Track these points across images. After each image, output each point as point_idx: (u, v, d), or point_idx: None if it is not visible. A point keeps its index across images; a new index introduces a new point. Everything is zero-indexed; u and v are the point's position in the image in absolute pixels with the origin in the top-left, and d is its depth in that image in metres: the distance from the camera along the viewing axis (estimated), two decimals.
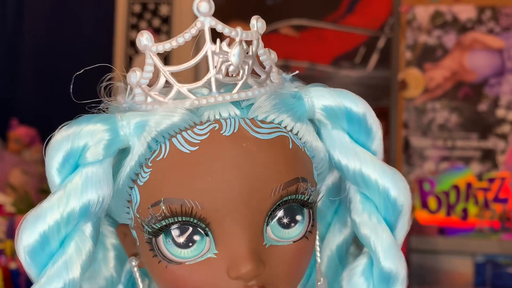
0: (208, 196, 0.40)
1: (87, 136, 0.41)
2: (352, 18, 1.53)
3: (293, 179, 0.42)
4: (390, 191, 0.44)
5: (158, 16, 1.63)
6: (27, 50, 2.09)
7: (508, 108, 1.44)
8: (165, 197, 0.40)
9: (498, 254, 1.42)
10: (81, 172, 0.41)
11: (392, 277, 0.45)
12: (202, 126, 0.41)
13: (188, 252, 0.41)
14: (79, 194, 0.41)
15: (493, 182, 1.43)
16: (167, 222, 0.40)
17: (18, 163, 1.79)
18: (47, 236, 0.41)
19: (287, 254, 0.42)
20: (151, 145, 0.41)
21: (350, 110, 0.44)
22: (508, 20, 1.45)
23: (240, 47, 0.41)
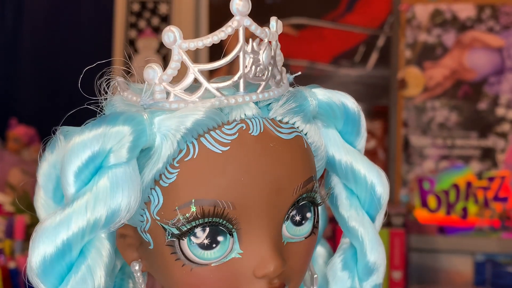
0: (240, 196, 0.40)
1: (115, 137, 0.39)
2: (351, 17, 1.53)
3: (309, 178, 0.43)
4: (376, 187, 0.47)
5: (157, 15, 1.63)
6: (26, 50, 2.09)
7: (508, 106, 1.44)
8: (196, 198, 0.40)
9: (498, 253, 1.42)
10: (107, 173, 0.39)
11: (376, 268, 0.47)
12: (229, 125, 0.41)
13: (211, 253, 0.40)
14: (108, 197, 0.39)
15: (493, 181, 1.43)
16: (197, 223, 0.40)
17: (17, 162, 1.79)
18: (70, 244, 0.39)
19: (301, 250, 0.44)
20: (180, 145, 0.40)
21: (348, 111, 0.46)
22: (507, 18, 1.45)
23: (268, 48, 0.42)
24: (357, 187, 0.47)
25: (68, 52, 2.01)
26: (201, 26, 1.58)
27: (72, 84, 1.58)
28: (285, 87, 0.44)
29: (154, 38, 1.62)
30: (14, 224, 1.27)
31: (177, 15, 1.61)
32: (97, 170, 0.40)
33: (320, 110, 0.45)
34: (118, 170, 0.39)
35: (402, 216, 1.36)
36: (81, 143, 0.39)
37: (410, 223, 1.44)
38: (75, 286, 0.39)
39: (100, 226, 0.39)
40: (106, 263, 0.41)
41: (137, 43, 1.63)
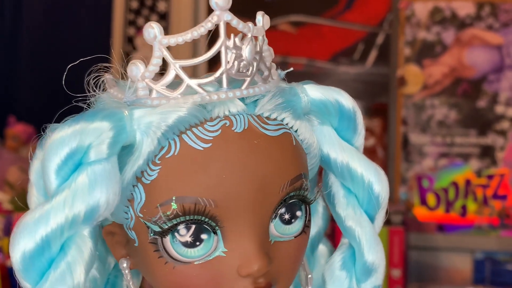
0: (222, 194, 0.39)
1: (94, 133, 0.39)
2: (350, 14, 1.53)
3: (298, 175, 0.42)
4: (374, 186, 0.45)
5: (155, 12, 1.63)
6: (24, 48, 2.09)
7: (507, 104, 1.44)
8: (177, 196, 0.39)
9: (497, 251, 1.42)
10: (86, 170, 0.39)
11: (374, 268, 0.46)
12: (212, 122, 0.40)
13: (195, 251, 0.40)
14: (87, 194, 0.39)
15: (492, 178, 1.43)
16: (178, 221, 0.39)
17: (16, 160, 1.79)
18: (49, 240, 0.39)
19: (290, 249, 0.43)
20: (161, 142, 0.40)
21: (343, 107, 0.45)
22: (507, 16, 1.45)
23: (252, 43, 0.41)
24: (354, 186, 0.46)
25: (67, 50, 2.01)
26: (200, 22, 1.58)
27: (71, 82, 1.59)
28: (274, 83, 0.44)
29: None
30: (13, 222, 1.27)
31: (175, 13, 1.60)
32: (77, 166, 0.39)
33: (313, 107, 0.44)
34: (97, 167, 0.39)
35: (401, 214, 1.36)
36: (60, 140, 0.39)
37: (409, 221, 1.44)
38: (54, 282, 0.39)
39: (80, 222, 0.39)
40: (87, 261, 0.40)
41: (136, 41, 1.62)
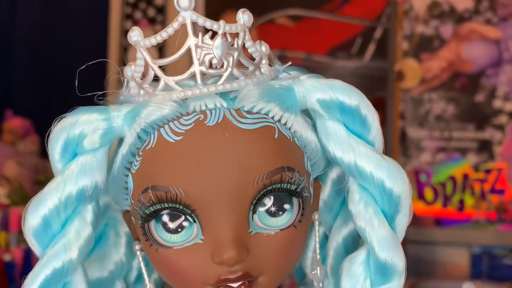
0: (191, 184, 0.41)
1: (83, 125, 0.43)
2: (348, 8, 1.53)
3: (277, 168, 0.42)
4: (385, 182, 0.44)
5: (152, 6, 1.63)
6: (21, 42, 2.09)
7: (505, 99, 1.44)
8: (152, 185, 0.42)
9: (495, 246, 1.43)
10: (77, 160, 0.43)
11: (388, 268, 0.44)
12: (188, 116, 0.42)
13: (177, 237, 0.42)
14: (75, 180, 0.43)
15: (489, 173, 1.43)
16: (155, 208, 0.42)
17: (13, 154, 1.79)
18: (48, 219, 0.43)
19: (274, 241, 0.43)
20: (140, 135, 0.43)
21: (343, 102, 0.44)
22: (505, 10, 1.45)
23: (222, 40, 0.42)
24: (365, 183, 0.44)
25: (64, 44, 2.00)
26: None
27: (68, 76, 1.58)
28: (261, 78, 0.44)
29: (150, 29, 1.61)
30: (9, 216, 1.27)
31: (172, 6, 1.60)
32: (74, 155, 0.44)
33: (314, 102, 0.44)
34: (85, 158, 0.44)
35: None
36: (59, 130, 0.44)
37: None
38: (50, 256, 0.43)
39: (73, 203, 0.43)
40: (82, 244, 0.44)
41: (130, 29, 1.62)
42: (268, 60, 0.46)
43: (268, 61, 0.46)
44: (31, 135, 1.95)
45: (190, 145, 0.42)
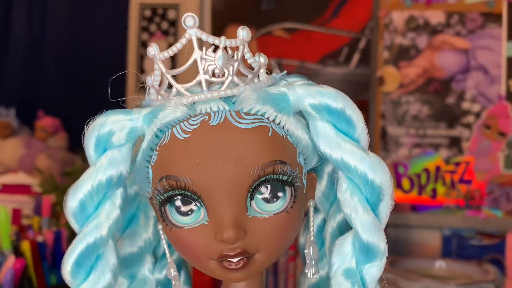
0: (197, 174, 0.43)
1: (111, 124, 0.45)
2: (336, 22, 1.52)
3: (270, 162, 0.43)
4: (367, 174, 0.44)
5: (166, 19, 1.63)
6: (50, 51, 2.08)
7: (472, 101, 1.44)
8: (166, 175, 0.44)
9: (463, 228, 1.43)
10: (106, 154, 0.46)
11: (371, 249, 0.45)
12: (195, 118, 0.44)
13: (187, 219, 0.44)
14: (104, 170, 0.45)
15: (459, 165, 1.44)
16: (169, 194, 0.44)
17: (44, 149, 1.79)
18: (83, 202, 0.46)
19: (268, 224, 0.44)
20: (157, 134, 0.45)
21: (330, 105, 0.45)
22: (473, 24, 1.45)
23: (223, 53, 0.43)
24: (351, 175, 0.45)
25: (88, 53, 2.00)
26: (205, 29, 1.58)
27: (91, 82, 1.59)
28: (259, 85, 0.45)
29: (164, 40, 1.61)
30: (42, 203, 1.27)
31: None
32: (105, 149, 0.46)
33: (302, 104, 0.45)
34: (114, 152, 0.46)
35: None
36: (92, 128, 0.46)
37: None
38: (85, 234, 0.46)
39: (103, 188, 0.46)
40: (111, 224, 0.46)
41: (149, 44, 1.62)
42: (268, 69, 0.48)
43: (269, 70, 0.48)
44: (60, 132, 1.95)
45: (196, 142, 0.43)
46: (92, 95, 1.90)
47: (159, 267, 0.54)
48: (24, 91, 2.12)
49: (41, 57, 2.10)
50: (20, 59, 2.12)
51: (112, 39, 1.93)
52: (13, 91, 2.13)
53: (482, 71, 1.44)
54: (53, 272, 1.08)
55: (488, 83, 1.44)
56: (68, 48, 2.06)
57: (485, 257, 1.40)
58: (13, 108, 2.05)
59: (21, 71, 2.12)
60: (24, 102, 2.09)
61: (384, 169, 0.45)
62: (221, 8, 1.57)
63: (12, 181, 1.46)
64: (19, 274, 1.00)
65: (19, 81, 2.12)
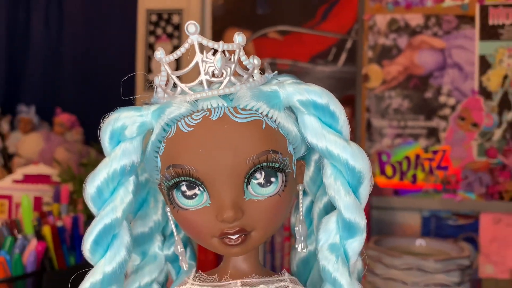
0: (200, 162, 0.44)
1: (124, 119, 0.47)
2: (325, 25, 1.52)
3: (264, 151, 0.45)
4: (349, 161, 0.46)
5: (171, 24, 1.62)
6: (67, 53, 2.07)
7: (448, 95, 1.44)
8: (173, 163, 0.45)
9: (440, 210, 1.44)
10: (120, 146, 0.47)
11: (353, 226, 0.46)
12: (198, 113, 0.45)
13: (192, 202, 0.46)
14: (118, 160, 0.47)
15: (436, 153, 1.44)
16: (175, 181, 0.45)
17: (62, 142, 1.78)
18: (100, 188, 0.47)
19: (263, 205, 0.46)
20: (164, 128, 0.46)
21: (315, 101, 0.46)
22: (449, 25, 1.44)
23: (221, 55, 0.45)
24: (335, 162, 0.47)
25: (100, 55, 1.99)
26: (206, 33, 1.57)
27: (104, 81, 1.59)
28: (254, 84, 0.46)
29: (169, 42, 1.60)
30: (60, 191, 1.27)
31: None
32: (118, 141, 0.47)
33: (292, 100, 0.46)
34: (127, 144, 0.47)
35: None
36: (107, 122, 0.47)
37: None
38: (102, 216, 0.47)
39: (117, 175, 0.47)
40: (125, 207, 0.47)
41: (155, 47, 1.61)
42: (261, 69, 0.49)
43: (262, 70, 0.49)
44: (76, 127, 1.95)
45: (199, 134, 0.44)
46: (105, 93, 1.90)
47: (167, 244, 0.55)
48: (43, 90, 2.11)
49: (58, 59, 2.08)
50: (39, 61, 2.11)
51: (122, 42, 1.92)
52: (33, 90, 2.12)
53: (457, 68, 1.43)
54: (71, 254, 1.08)
55: (462, 79, 1.43)
56: (83, 51, 2.05)
57: (461, 236, 1.41)
58: (33, 106, 2.04)
59: (40, 72, 2.11)
60: (43, 100, 2.08)
61: (364, 157, 0.47)
62: (221, 13, 1.56)
63: (33, 172, 1.46)
64: (41, 256, 1.00)
65: (39, 81, 2.11)
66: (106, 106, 0.49)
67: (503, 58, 1.41)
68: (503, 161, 1.41)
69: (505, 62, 1.41)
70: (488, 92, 1.42)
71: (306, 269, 0.54)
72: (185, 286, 0.49)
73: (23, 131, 1.97)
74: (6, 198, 1.43)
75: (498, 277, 1.38)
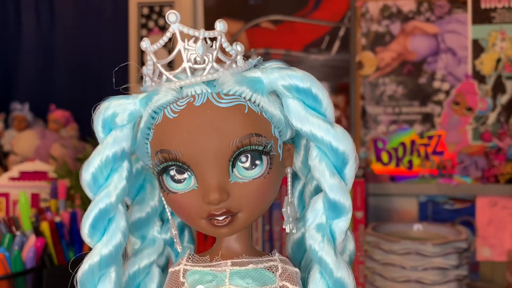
0: (185, 147, 0.45)
1: (114, 107, 0.48)
2: (318, 13, 1.51)
3: (246, 135, 0.46)
4: (332, 143, 0.47)
5: (162, 16, 1.61)
6: (59, 47, 2.06)
7: (442, 80, 1.45)
8: (160, 149, 0.46)
9: (437, 195, 1.45)
10: (111, 134, 0.49)
11: (338, 207, 0.47)
12: (182, 100, 0.46)
13: (180, 185, 0.47)
14: (109, 147, 0.48)
15: (431, 139, 1.44)
16: (164, 165, 0.47)
17: (57, 139, 1.78)
18: (95, 174, 0.49)
19: (248, 187, 0.46)
20: (152, 115, 0.48)
21: (298, 85, 0.47)
22: (441, 10, 1.44)
23: (202, 43, 0.46)
24: (319, 144, 0.47)
25: (93, 49, 1.98)
26: (198, 24, 1.56)
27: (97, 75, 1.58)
28: (236, 69, 0.47)
29: (161, 35, 1.59)
30: (57, 187, 1.27)
31: None
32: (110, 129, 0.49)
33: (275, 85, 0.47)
34: (116, 132, 0.48)
35: (362, 169, 1.37)
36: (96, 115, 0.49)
37: (368, 174, 1.45)
38: (97, 201, 0.49)
39: (110, 162, 0.49)
40: (119, 192, 0.49)
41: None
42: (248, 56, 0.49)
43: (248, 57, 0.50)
44: (71, 123, 1.94)
45: (184, 120, 0.46)
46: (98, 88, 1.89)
47: (165, 229, 0.57)
48: (36, 87, 2.10)
49: (50, 55, 2.07)
50: (31, 58, 2.10)
51: (114, 36, 1.91)
52: (26, 87, 2.11)
53: (451, 53, 1.44)
54: (70, 249, 1.08)
55: (456, 63, 1.43)
56: (75, 46, 2.04)
57: (457, 220, 1.42)
58: (27, 103, 2.03)
59: (32, 69, 2.10)
60: (36, 97, 2.07)
61: (347, 138, 0.47)
62: (213, 4, 1.55)
63: (29, 168, 1.45)
64: (40, 252, 1.00)
65: (32, 78, 2.10)
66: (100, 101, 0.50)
67: (496, 41, 1.41)
68: (498, 144, 1.41)
69: (498, 45, 1.41)
70: (482, 76, 1.42)
71: (300, 250, 0.55)
72: (178, 267, 0.50)
73: (17, 129, 1.96)
74: (3, 196, 1.43)
75: (495, 259, 1.40)
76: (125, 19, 1.66)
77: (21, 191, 1.07)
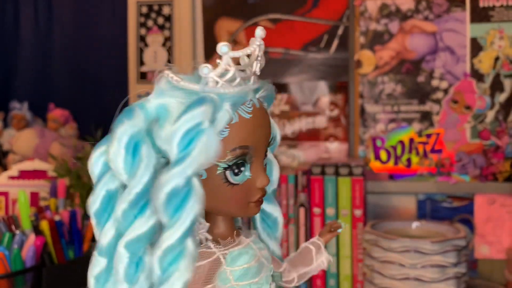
0: (256, 142, 0.54)
1: (204, 114, 0.50)
2: (316, 12, 1.51)
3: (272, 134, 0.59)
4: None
5: (161, 15, 1.61)
6: (58, 47, 2.06)
7: (440, 79, 1.45)
8: (240, 145, 0.53)
9: (435, 193, 1.45)
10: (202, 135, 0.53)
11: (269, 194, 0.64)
12: (249, 103, 0.54)
13: (239, 177, 0.54)
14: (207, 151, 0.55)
15: (430, 137, 1.45)
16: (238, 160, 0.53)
17: (56, 138, 1.78)
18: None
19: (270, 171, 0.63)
20: (232, 115, 0.54)
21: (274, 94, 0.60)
22: (440, 9, 1.44)
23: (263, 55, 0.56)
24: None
25: (92, 49, 1.98)
26: (197, 23, 1.56)
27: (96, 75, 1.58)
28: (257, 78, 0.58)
29: (160, 34, 1.59)
30: (57, 186, 1.27)
31: (177, 15, 1.58)
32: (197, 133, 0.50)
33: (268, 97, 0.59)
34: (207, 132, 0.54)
35: (361, 167, 1.37)
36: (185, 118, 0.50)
37: (367, 172, 1.45)
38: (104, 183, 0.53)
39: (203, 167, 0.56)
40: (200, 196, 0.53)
41: (147, 39, 1.60)
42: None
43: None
44: (70, 122, 1.94)
45: (255, 120, 0.54)
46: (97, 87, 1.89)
47: None
48: (35, 86, 2.10)
49: (49, 54, 2.07)
50: (30, 57, 2.10)
51: (113, 34, 1.91)
52: (25, 86, 2.11)
53: (449, 51, 1.44)
54: (70, 248, 1.08)
55: (454, 62, 1.44)
56: (74, 45, 2.04)
57: (456, 217, 1.42)
58: (26, 102, 2.03)
59: (31, 68, 2.10)
60: (35, 96, 2.07)
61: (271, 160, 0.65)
62: (211, 3, 1.55)
63: (29, 167, 1.45)
64: (40, 251, 1.00)
65: (30, 77, 2.10)
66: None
67: (494, 40, 1.41)
68: (496, 142, 1.41)
69: (496, 44, 1.41)
70: (480, 75, 1.42)
71: None
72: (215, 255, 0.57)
73: (16, 128, 1.96)
74: (3, 195, 1.43)
75: (494, 257, 1.40)
76: (123, 18, 1.66)
77: (20, 190, 1.07)
